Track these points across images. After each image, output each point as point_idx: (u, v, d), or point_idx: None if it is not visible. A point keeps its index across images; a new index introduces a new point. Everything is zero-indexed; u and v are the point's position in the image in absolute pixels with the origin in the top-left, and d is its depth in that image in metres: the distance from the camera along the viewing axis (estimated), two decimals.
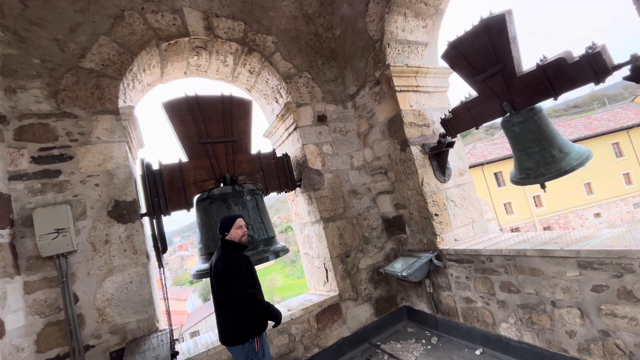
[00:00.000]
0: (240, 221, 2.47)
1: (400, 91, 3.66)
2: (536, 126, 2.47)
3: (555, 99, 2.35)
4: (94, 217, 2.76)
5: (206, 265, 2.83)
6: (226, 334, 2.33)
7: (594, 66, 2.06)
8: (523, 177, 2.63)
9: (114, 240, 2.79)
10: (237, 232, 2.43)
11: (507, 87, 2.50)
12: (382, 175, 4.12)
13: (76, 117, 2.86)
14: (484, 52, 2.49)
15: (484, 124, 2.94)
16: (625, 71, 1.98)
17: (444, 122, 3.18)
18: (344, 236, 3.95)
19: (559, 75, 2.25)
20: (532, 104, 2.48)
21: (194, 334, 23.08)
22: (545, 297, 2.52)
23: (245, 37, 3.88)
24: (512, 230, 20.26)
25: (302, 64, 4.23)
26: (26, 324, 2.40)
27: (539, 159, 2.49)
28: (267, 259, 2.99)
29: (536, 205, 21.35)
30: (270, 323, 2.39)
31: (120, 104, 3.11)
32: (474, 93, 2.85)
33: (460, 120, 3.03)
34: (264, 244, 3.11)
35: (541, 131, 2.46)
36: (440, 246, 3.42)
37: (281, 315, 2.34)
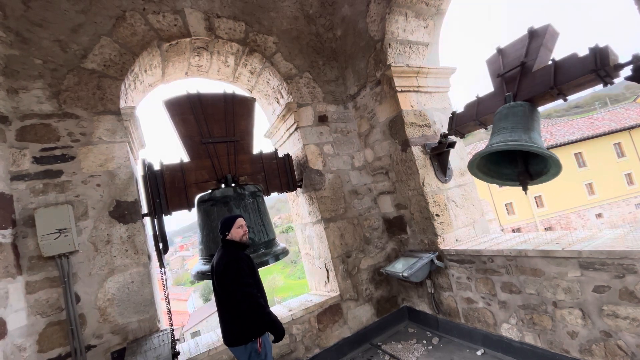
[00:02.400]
0: (240, 221, 2.47)
1: (401, 91, 3.66)
2: (523, 113, 2.42)
3: (555, 87, 2.28)
4: (95, 217, 2.77)
5: (207, 267, 2.82)
6: (228, 334, 2.31)
7: (597, 58, 2.06)
8: (480, 152, 2.51)
9: (115, 240, 2.80)
10: (238, 231, 2.43)
11: (519, 80, 2.53)
12: (383, 175, 4.12)
13: (78, 117, 2.87)
14: (518, 54, 2.60)
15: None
16: (627, 71, 1.97)
17: (452, 116, 3.19)
18: (344, 236, 3.95)
19: (565, 70, 2.24)
20: (533, 97, 2.46)
21: (195, 334, 23.09)
22: (547, 297, 2.51)
23: (246, 38, 3.88)
24: (513, 231, 20.22)
25: (303, 64, 4.23)
26: (28, 323, 2.41)
27: (507, 136, 2.37)
28: (267, 263, 2.96)
29: (537, 206, 21.31)
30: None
31: (122, 104, 3.11)
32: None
33: (464, 116, 3.04)
34: (265, 247, 3.10)
35: (526, 119, 2.40)
36: (442, 246, 3.41)
37: (283, 329, 2.21)
